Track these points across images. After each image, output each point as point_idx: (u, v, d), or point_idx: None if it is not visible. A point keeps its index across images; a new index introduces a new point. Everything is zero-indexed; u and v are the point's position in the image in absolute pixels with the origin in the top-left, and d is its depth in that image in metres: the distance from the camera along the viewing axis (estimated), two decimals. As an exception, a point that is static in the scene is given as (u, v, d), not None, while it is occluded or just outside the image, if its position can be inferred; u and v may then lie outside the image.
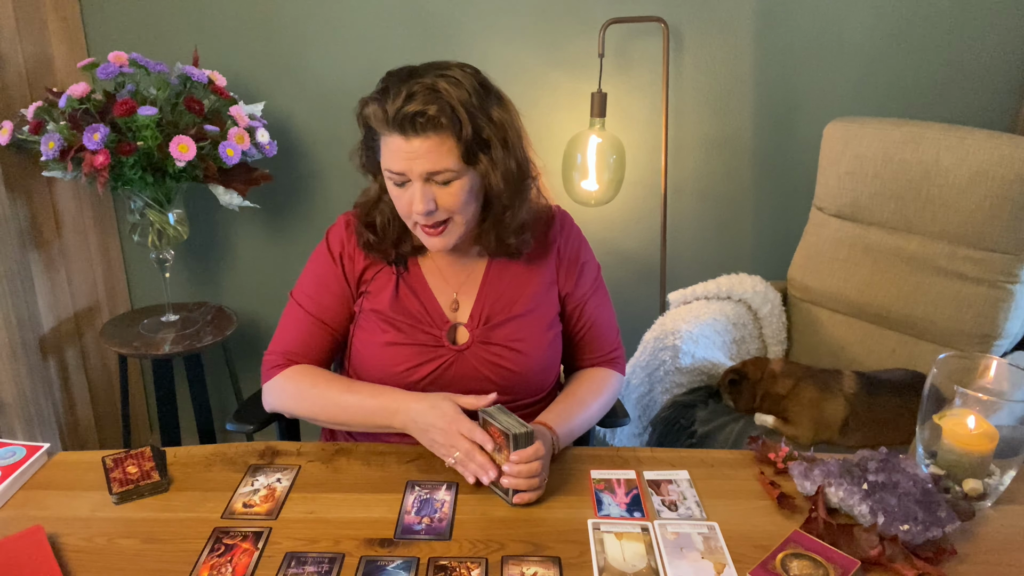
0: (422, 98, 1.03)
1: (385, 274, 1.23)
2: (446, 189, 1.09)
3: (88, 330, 2.22)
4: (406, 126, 1.04)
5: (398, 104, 1.03)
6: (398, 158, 1.07)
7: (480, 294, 1.23)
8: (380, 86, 1.09)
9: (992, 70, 2.06)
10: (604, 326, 1.32)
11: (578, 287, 1.28)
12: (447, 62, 1.10)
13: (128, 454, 1.13)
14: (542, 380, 1.26)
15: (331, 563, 0.94)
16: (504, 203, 1.14)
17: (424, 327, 1.21)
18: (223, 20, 2.07)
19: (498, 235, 1.18)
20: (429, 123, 1.03)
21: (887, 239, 1.85)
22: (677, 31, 2.06)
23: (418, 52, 2.08)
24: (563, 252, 1.27)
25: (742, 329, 1.99)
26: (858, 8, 2.02)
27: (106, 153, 1.68)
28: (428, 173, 1.07)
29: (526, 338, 1.22)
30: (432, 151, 1.05)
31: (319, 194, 2.23)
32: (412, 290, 1.22)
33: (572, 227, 1.30)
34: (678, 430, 1.76)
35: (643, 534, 1.00)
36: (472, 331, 1.21)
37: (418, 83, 1.04)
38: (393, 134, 1.06)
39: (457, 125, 1.05)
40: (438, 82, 1.05)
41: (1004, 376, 1.10)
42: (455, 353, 1.20)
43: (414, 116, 1.03)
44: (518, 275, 1.24)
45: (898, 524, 0.96)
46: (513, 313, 1.22)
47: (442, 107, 1.03)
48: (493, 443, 1.05)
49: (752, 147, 2.18)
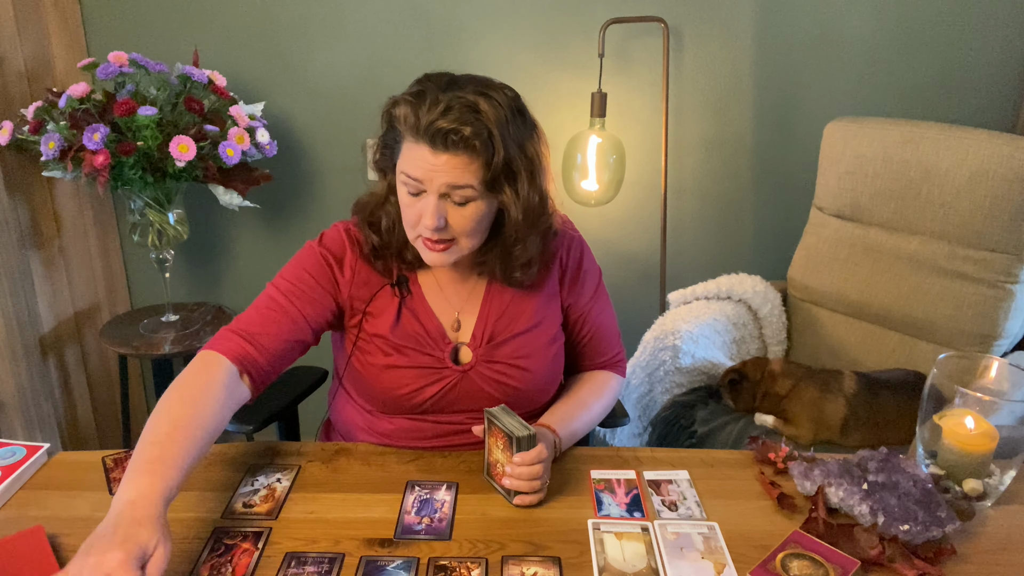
0: (459, 115, 0.99)
1: (386, 295, 1.18)
2: (460, 210, 1.05)
3: (88, 330, 2.22)
4: (437, 139, 1.00)
5: (434, 116, 0.99)
6: (420, 166, 1.02)
7: (482, 312, 1.20)
8: (415, 88, 1.04)
9: (992, 70, 2.06)
10: (606, 331, 1.31)
11: (581, 296, 1.26)
12: (489, 79, 1.07)
13: (128, 454, 1.13)
14: (545, 396, 1.25)
15: (331, 563, 0.94)
16: (517, 236, 1.11)
17: (426, 349, 1.17)
18: (223, 20, 2.07)
19: (503, 266, 1.15)
20: (462, 142, 0.99)
21: (887, 239, 1.85)
22: (677, 31, 2.06)
23: (418, 52, 2.08)
24: (565, 263, 1.24)
25: (742, 329, 1.99)
26: (858, 8, 2.02)
27: (106, 153, 1.68)
28: (447, 187, 1.02)
29: (530, 355, 1.20)
30: (457, 169, 1.01)
31: (319, 194, 2.23)
32: (413, 312, 1.18)
33: (574, 235, 1.26)
34: (678, 430, 1.76)
35: (643, 534, 1.00)
36: (475, 350, 1.18)
37: (458, 97, 1.00)
38: (420, 143, 1.01)
39: (490, 151, 1.01)
40: (479, 101, 1.00)
41: (1004, 376, 1.10)
42: (459, 374, 1.17)
43: (448, 132, 0.99)
44: (520, 291, 1.21)
45: (898, 524, 0.96)
46: (516, 330, 1.19)
47: (478, 130, 0.99)
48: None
49: (752, 147, 2.18)
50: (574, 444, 1.21)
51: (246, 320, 1.12)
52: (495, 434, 1.07)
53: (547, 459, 1.06)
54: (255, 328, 1.11)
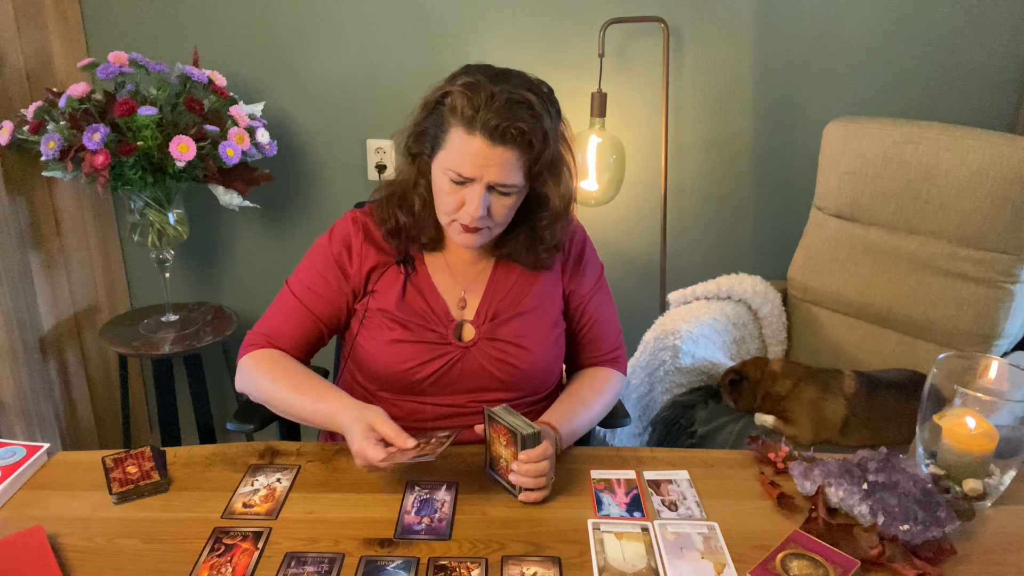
0: (517, 110, 1.03)
1: (392, 273, 1.22)
2: (501, 200, 1.10)
3: (88, 330, 2.22)
4: (495, 134, 1.03)
5: (491, 110, 1.02)
6: (473, 162, 1.05)
7: (487, 292, 1.23)
8: (468, 79, 1.06)
9: (992, 70, 2.06)
10: (606, 325, 1.33)
11: (581, 285, 1.29)
12: (525, 74, 1.10)
13: (128, 454, 1.13)
14: (546, 378, 1.26)
15: (331, 563, 0.94)
16: (550, 222, 1.17)
17: (430, 325, 1.20)
18: (223, 20, 2.07)
19: (530, 249, 1.20)
20: (520, 137, 1.04)
21: (887, 239, 1.85)
22: (677, 31, 2.06)
23: (418, 52, 2.08)
24: (568, 250, 1.29)
25: (742, 329, 1.99)
26: (858, 8, 2.02)
27: (106, 153, 1.68)
28: (497, 184, 1.07)
29: (531, 335, 1.22)
30: (509, 163, 1.06)
31: (319, 194, 2.23)
32: (418, 289, 1.22)
33: (578, 226, 1.31)
34: (678, 430, 1.76)
35: (643, 534, 1.00)
36: (478, 328, 1.21)
37: (510, 92, 1.04)
38: (476, 135, 1.04)
39: (540, 146, 1.06)
40: (530, 97, 1.05)
41: (1004, 376, 1.10)
42: (461, 350, 1.20)
43: (506, 128, 1.02)
44: (524, 273, 1.25)
45: (898, 524, 0.96)
46: (519, 310, 1.22)
47: (535, 127, 1.04)
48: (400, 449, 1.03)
49: (752, 147, 2.18)
50: (574, 443, 1.22)
51: (267, 324, 1.24)
52: (497, 429, 1.07)
53: (552, 456, 1.06)
54: (278, 332, 1.23)
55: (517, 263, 1.24)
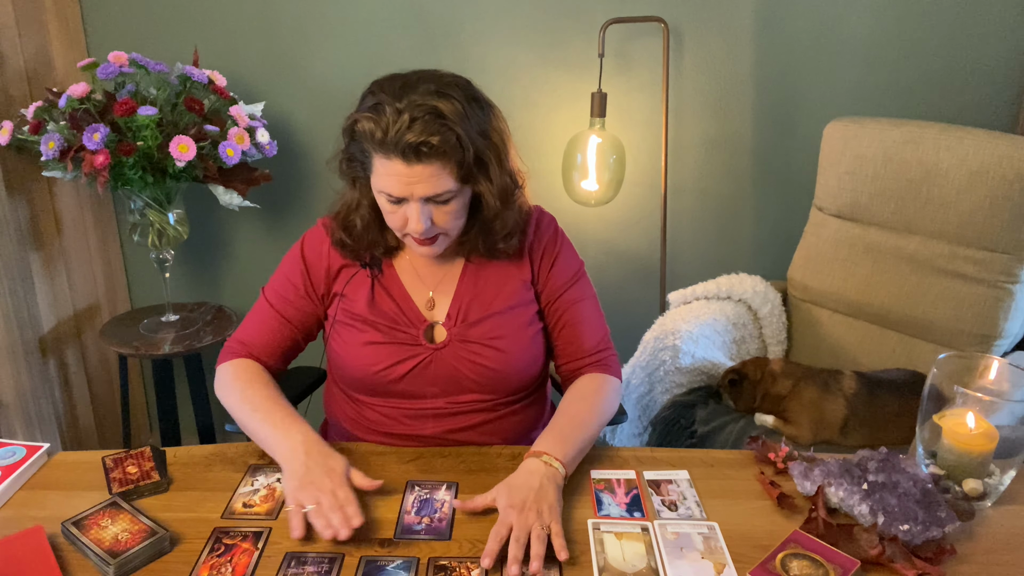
0: (425, 126, 1.01)
1: (361, 276, 1.23)
2: (443, 208, 1.09)
3: (88, 330, 2.22)
4: (408, 153, 1.02)
5: (399, 129, 1.01)
6: (397, 183, 1.05)
7: (458, 292, 1.22)
8: (371, 101, 1.05)
9: (992, 70, 2.05)
10: (585, 325, 1.26)
11: (551, 279, 1.25)
12: (437, 72, 1.09)
13: (128, 454, 1.13)
14: (524, 378, 1.24)
15: (331, 563, 0.94)
16: (495, 212, 1.15)
17: (400, 327, 1.20)
18: (223, 20, 2.07)
19: (486, 241, 1.19)
20: (434, 152, 1.02)
21: (887, 239, 1.85)
22: (677, 31, 2.06)
23: (418, 52, 2.08)
24: (535, 247, 1.25)
25: (742, 329, 1.99)
26: (858, 8, 2.02)
27: (106, 153, 1.68)
28: (430, 196, 1.07)
29: (506, 335, 1.20)
30: (434, 176, 1.05)
31: (319, 194, 2.23)
32: (387, 290, 1.22)
33: (549, 224, 1.28)
34: (678, 430, 1.76)
35: (643, 534, 1.00)
36: (450, 329, 1.21)
37: (417, 104, 1.02)
38: (392, 158, 1.04)
39: (459, 152, 1.05)
40: (439, 104, 1.02)
41: (1004, 376, 1.10)
42: (432, 351, 1.20)
43: (418, 146, 1.01)
44: (496, 273, 1.23)
45: (898, 524, 0.96)
46: (491, 311, 1.21)
47: (446, 137, 1.02)
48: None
49: (752, 147, 2.18)
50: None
51: (244, 331, 1.26)
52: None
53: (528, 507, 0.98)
54: (255, 340, 1.24)
55: (482, 257, 1.22)
